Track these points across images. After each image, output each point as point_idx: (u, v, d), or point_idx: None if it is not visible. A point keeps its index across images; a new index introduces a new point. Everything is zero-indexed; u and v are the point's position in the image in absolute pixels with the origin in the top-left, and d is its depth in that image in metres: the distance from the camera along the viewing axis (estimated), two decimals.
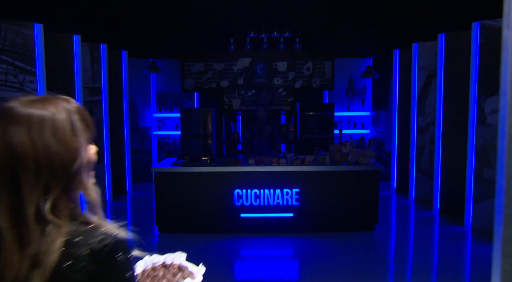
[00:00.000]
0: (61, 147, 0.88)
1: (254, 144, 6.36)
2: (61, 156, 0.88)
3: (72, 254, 0.84)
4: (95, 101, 6.59)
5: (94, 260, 0.85)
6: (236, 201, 5.01)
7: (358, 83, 8.61)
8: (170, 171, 4.98)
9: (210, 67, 7.48)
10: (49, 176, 0.86)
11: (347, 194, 4.99)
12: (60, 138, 0.88)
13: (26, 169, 0.84)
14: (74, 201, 0.90)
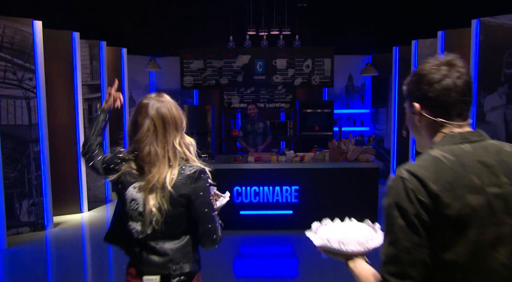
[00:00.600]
0: (179, 115, 1.65)
1: (248, 141, 6.35)
2: (179, 119, 1.65)
3: (182, 175, 1.60)
4: (94, 99, 6.59)
5: (192, 179, 1.61)
6: (236, 198, 5.01)
7: (358, 80, 8.60)
8: None
9: (209, 65, 7.47)
10: (175, 129, 1.62)
11: (347, 191, 4.99)
12: (178, 111, 1.65)
13: (168, 124, 1.60)
14: (184, 145, 1.66)
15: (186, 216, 1.64)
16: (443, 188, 1.00)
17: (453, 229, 1.00)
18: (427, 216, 0.99)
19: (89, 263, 4.32)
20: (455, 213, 0.99)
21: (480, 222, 1.00)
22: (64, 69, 5.70)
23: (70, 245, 4.71)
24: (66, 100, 5.73)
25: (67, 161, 5.77)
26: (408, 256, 1.00)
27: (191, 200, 1.61)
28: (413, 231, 1.00)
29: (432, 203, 0.99)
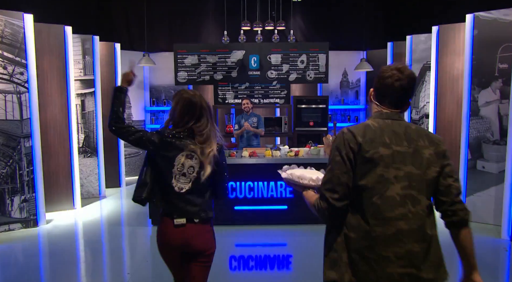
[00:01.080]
0: (207, 103, 2.20)
1: (242, 135, 6.32)
2: (210, 105, 2.22)
3: (218, 150, 2.21)
4: (87, 94, 6.52)
5: (218, 152, 2.17)
6: (230, 193, 4.99)
7: (353, 76, 8.59)
8: None
9: (203, 60, 7.42)
10: (209, 113, 2.17)
11: None
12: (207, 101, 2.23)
13: (204, 110, 2.16)
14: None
15: (211, 178, 2.20)
16: (365, 141, 1.59)
17: (367, 166, 1.58)
18: (353, 156, 1.59)
19: (82, 259, 4.27)
20: (370, 156, 1.58)
21: (385, 165, 1.58)
22: (56, 64, 5.63)
23: (62, 242, 4.66)
24: (58, 95, 5.66)
25: (59, 157, 5.71)
26: (337, 179, 1.60)
27: (218, 166, 2.21)
28: (343, 164, 1.60)
29: (357, 149, 1.59)
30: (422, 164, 1.60)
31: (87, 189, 6.60)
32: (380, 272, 1.55)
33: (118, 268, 4.09)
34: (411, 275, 1.55)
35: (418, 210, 1.58)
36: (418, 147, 1.62)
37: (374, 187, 1.58)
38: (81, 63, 6.42)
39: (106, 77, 7.14)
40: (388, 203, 1.57)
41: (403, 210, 1.57)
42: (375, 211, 1.58)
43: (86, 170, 6.58)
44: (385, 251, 1.56)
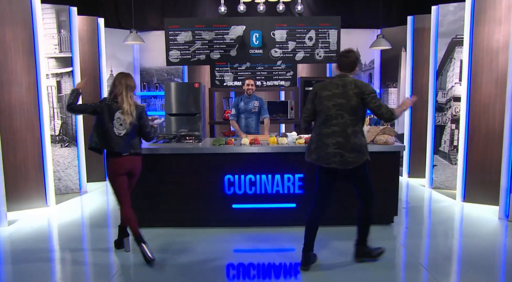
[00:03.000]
0: (133, 83, 3.51)
1: (240, 121, 5.45)
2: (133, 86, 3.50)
3: (136, 108, 3.41)
4: (64, 74, 5.66)
5: (141, 109, 3.49)
6: (227, 189, 4.15)
7: (366, 57, 7.70)
8: (146, 152, 4.09)
9: (198, 37, 6.53)
10: (131, 91, 3.46)
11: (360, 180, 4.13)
12: (133, 81, 3.51)
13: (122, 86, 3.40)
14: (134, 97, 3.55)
15: (137, 126, 3.44)
16: (319, 89, 3.18)
17: (319, 101, 3.14)
18: (314, 98, 3.19)
19: (49, 269, 3.44)
20: (310, 96, 3.23)
21: (328, 99, 3.09)
22: (21, 36, 4.76)
23: (26, 248, 3.84)
24: (25, 74, 4.80)
25: (28, 145, 4.87)
26: (306, 109, 3.25)
27: (140, 118, 3.46)
28: (310, 100, 3.23)
29: (316, 93, 3.18)
30: (347, 98, 3.04)
31: (65, 183, 5.77)
32: (324, 152, 3.10)
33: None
34: (339, 153, 3.06)
35: (343, 121, 3.05)
36: (347, 89, 3.05)
37: (322, 109, 3.12)
38: (55, 38, 5.55)
39: (87, 56, 6.28)
40: (328, 118, 3.09)
41: (335, 121, 3.07)
42: (323, 121, 3.13)
43: (64, 162, 5.74)
44: (326, 140, 3.10)
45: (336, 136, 3.05)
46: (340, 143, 3.04)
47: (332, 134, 3.06)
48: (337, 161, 3.07)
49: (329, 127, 3.07)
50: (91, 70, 6.30)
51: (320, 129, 3.12)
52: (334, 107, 3.05)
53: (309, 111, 3.22)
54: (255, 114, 5.40)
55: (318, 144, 3.12)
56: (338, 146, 3.04)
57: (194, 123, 6.39)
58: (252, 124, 5.44)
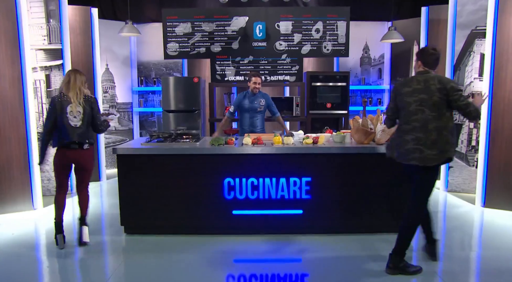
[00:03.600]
0: (83, 78, 3.68)
1: (245, 121, 5.01)
2: (83, 80, 3.68)
3: (87, 99, 3.57)
4: (53, 67, 5.28)
5: (92, 99, 3.66)
6: (227, 193, 3.77)
7: (375, 51, 7.29)
8: (138, 152, 3.72)
9: (198, 28, 6.14)
10: (81, 84, 3.63)
11: (374, 184, 3.75)
12: (82, 77, 3.69)
13: (80, 82, 3.62)
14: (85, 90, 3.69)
15: (90, 117, 3.60)
16: (400, 86, 3.10)
17: (400, 98, 3.08)
18: (395, 95, 3.14)
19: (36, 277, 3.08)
20: (402, 92, 3.05)
21: (408, 95, 3.01)
22: (3, 25, 4.38)
23: (11, 254, 3.48)
24: (8, 66, 4.43)
25: (12, 144, 4.51)
26: (389, 107, 3.24)
27: (92, 108, 3.60)
28: (392, 98, 3.19)
29: (397, 91, 3.12)
30: (429, 93, 2.94)
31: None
32: (403, 148, 3.02)
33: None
34: (418, 149, 2.94)
35: (423, 116, 2.95)
36: (429, 84, 2.95)
37: (403, 107, 3.06)
38: (44, 28, 5.17)
39: (80, 48, 5.91)
40: (409, 113, 3.02)
41: (416, 117, 2.97)
42: (403, 117, 3.07)
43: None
44: (406, 136, 3.01)
45: (416, 132, 2.95)
46: (419, 139, 2.94)
47: (412, 130, 2.97)
48: (416, 158, 2.94)
49: (409, 123, 2.99)
50: (84, 64, 5.93)
51: (401, 126, 3.08)
52: (414, 102, 2.97)
53: (392, 110, 3.20)
54: (261, 113, 5.00)
55: (399, 140, 3.06)
56: (418, 142, 2.94)
57: (193, 121, 6.01)
58: (257, 124, 5.03)
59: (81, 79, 3.59)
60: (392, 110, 3.19)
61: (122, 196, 3.78)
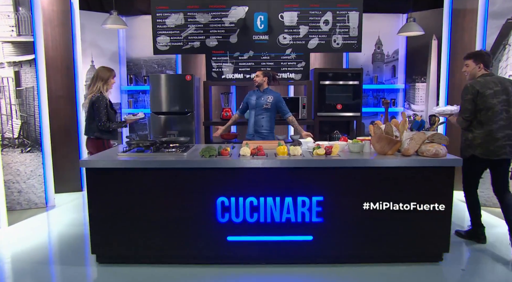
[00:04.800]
0: (100, 74, 4.07)
1: (250, 120, 4.54)
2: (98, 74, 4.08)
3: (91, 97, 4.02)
4: (24, 63, 4.61)
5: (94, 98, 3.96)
6: (220, 215, 3.08)
7: (388, 46, 6.59)
8: (111, 166, 3.03)
9: (192, 20, 5.45)
10: (100, 80, 4.03)
11: (401, 201, 3.06)
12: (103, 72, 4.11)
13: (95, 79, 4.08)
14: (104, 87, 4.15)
15: (90, 113, 3.97)
16: (480, 88, 3.34)
17: (482, 99, 3.33)
18: (474, 97, 3.35)
19: None
20: (482, 94, 3.32)
21: (492, 97, 3.32)
22: None
23: None
24: None
25: None
26: (467, 109, 3.39)
27: (91, 106, 3.93)
28: (470, 101, 3.37)
29: (477, 93, 3.33)
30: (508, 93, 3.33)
31: (27, 197, 4.74)
32: (493, 145, 3.33)
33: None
34: (509, 145, 3.33)
35: (508, 115, 3.34)
36: (506, 86, 3.36)
37: (485, 108, 3.33)
38: (12, 17, 4.50)
39: (58, 42, 5.23)
40: (494, 114, 3.32)
41: (501, 116, 3.32)
42: (488, 118, 3.34)
43: (26, 170, 4.70)
44: (495, 135, 3.32)
45: (505, 130, 3.34)
46: (509, 135, 3.35)
47: (500, 129, 3.33)
48: (507, 152, 3.36)
49: (496, 123, 3.33)
50: (62, 59, 5.26)
51: (486, 126, 3.36)
52: (499, 103, 3.33)
53: (470, 111, 3.38)
54: (267, 112, 4.45)
55: (485, 139, 3.36)
56: (508, 138, 3.35)
57: (186, 124, 5.33)
58: (262, 123, 4.44)
59: (98, 76, 4.01)
60: (470, 111, 3.38)
61: (93, 218, 3.09)
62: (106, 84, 4.02)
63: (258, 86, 4.49)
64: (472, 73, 3.47)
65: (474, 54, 3.46)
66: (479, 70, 3.42)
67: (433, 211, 3.05)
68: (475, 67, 3.43)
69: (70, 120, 5.41)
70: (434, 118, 3.37)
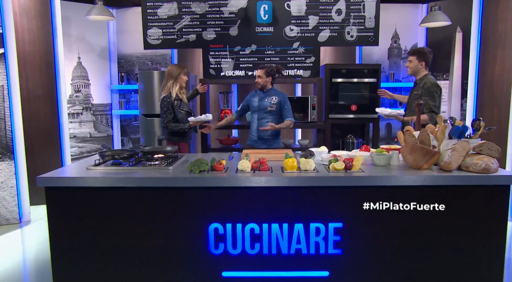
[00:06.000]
0: (170, 71, 3.92)
1: (252, 124, 4.02)
2: (170, 72, 3.93)
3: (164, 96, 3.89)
4: None
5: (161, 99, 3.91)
6: (214, 246, 2.46)
7: (406, 40, 5.94)
8: (78, 184, 2.42)
9: (186, 10, 4.83)
10: (171, 78, 3.88)
11: (440, 231, 2.43)
12: (173, 68, 3.93)
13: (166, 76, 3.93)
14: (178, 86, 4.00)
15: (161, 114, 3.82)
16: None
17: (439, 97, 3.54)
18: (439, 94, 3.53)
19: None
20: (441, 92, 3.52)
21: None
22: None
23: None
24: None
25: None
26: (438, 106, 3.48)
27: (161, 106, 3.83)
28: (440, 97, 3.54)
29: (440, 91, 3.53)
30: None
31: None
32: None
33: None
34: None
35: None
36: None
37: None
38: None
39: (36, 36, 4.64)
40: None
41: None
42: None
43: None
44: None
45: None
46: None
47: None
48: None
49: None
50: (41, 55, 4.67)
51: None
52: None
53: (439, 108, 3.34)
54: (272, 115, 3.91)
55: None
56: None
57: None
58: (268, 130, 3.85)
59: (168, 74, 3.86)
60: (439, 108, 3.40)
61: (55, 250, 2.48)
62: (177, 82, 3.81)
63: (262, 88, 3.93)
64: (414, 70, 3.51)
65: (418, 51, 3.50)
66: (421, 68, 3.49)
67: (482, 242, 2.41)
68: (417, 64, 3.49)
69: (50, 122, 4.82)
70: (479, 123, 2.71)
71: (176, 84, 3.83)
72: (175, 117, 3.82)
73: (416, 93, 3.66)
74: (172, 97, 3.80)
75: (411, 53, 3.61)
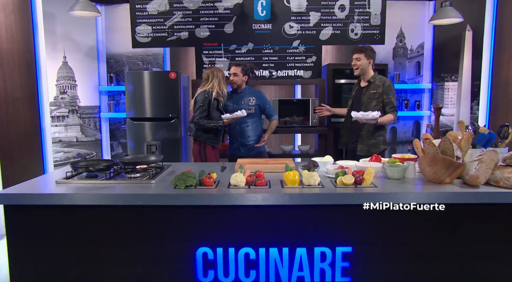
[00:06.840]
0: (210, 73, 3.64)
1: (232, 132, 3.71)
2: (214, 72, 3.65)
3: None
4: None
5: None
6: (202, 273, 2.11)
7: (412, 39, 5.62)
8: (43, 202, 2.06)
9: (178, 6, 4.49)
10: (211, 77, 3.61)
11: (467, 256, 2.09)
12: (212, 71, 3.64)
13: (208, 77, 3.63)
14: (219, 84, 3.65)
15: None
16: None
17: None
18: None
19: None
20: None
21: None
22: None
23: None
24: None
25: None
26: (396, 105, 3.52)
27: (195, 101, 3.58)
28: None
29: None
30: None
31: None
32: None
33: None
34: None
35: None
36: None
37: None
38: None
39: (15, 33, 4.29)
40: None
41: None
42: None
43: None
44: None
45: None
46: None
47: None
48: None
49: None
50: (21, 53, 4.32)
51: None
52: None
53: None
54: (252, 117, 3.60)
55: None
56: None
57: (171, 133, 4.37)
58: (248, 133, 3.55)
59: (214, 74, 3.62)
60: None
61: (15, 275, 2.13)
62: (221, 83, 3.60)
63: (236, 88, 3.65)
64: (364, 68, 3.43)
65: (365, 48, 3.41)
66: (369, 66, 3.42)
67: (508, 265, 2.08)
68: (366, 62, 3.41)
69: (31, 126, 4.47)
70: (507, 130, 2.37)
71: (220, 84, 3.59)
72: (209, 116, 3.54)
73: (375, 92, 3.46)
74: (212, 94, 3.52)
75: (358, 51, 3.41)
